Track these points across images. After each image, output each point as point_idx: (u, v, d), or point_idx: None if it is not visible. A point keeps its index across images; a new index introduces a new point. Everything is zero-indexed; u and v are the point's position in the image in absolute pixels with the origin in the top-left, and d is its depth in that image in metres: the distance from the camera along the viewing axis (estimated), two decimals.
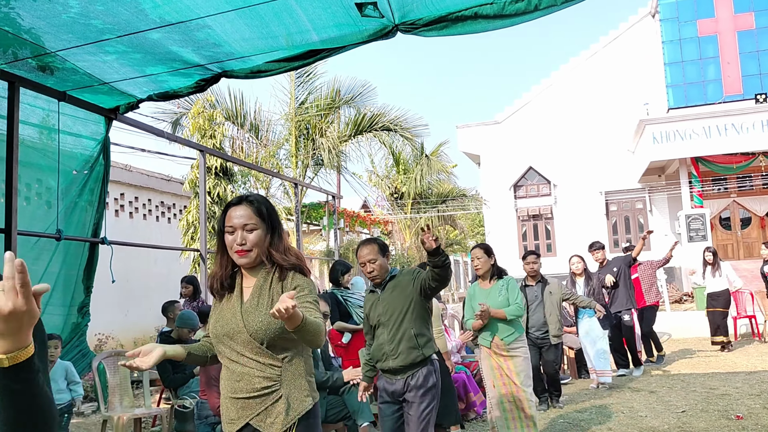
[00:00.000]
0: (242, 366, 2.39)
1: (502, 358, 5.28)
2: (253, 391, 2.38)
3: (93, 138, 5.57)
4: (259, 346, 2.38)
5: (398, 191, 22.16)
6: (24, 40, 3.79)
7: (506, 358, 5.27)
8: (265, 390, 2.38)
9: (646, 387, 8.00)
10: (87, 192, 5.60)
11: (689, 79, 19.98)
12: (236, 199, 2.53)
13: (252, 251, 2.44)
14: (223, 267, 2.51)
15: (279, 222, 2.58)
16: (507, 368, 5.26)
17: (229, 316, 2.45)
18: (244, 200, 2.51)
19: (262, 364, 2.39)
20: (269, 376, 2.38)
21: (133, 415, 5.89)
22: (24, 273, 1.13)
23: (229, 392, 2.43)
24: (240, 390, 2.39)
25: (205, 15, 3.31)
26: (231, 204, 2.51)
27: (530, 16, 3.23)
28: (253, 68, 4.27)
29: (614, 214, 21.64)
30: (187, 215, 12.29)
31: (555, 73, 22.38)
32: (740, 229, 20.46)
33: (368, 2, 3.21)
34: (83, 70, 4.30)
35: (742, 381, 7.94)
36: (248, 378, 2.39)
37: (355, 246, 21.48)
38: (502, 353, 5.27)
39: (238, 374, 2.40)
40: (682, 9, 20.02)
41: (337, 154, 15.62)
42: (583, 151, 21.21)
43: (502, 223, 22.41)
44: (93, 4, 3.20)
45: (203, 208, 7.31)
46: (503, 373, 5.27)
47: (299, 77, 15.28)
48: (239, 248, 2.43)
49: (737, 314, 11.99)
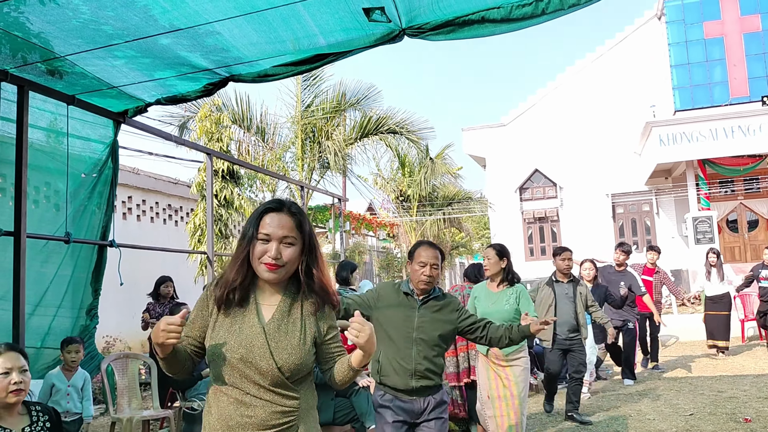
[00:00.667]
0: (254, 397, 2.06)
1: (500, 367, 5.09)
2: (265, 428, 2.05)
3: (101, 141, 5.59)
4: (280, 376, 2.07)
5: (404, 194, 22.17)
6: (33, 44, 3.82)
7: (505, 366, 5.08)
8: (282, 426, 2.07)
9: (653, 390, 7.98)
10: (96, 195, 5.63)
11: (695, 81, 19.95)
12: (275, 203, 2.20)
13: (283, 268, 2.13)
14: (243, 276, 2.16)
15: (317, 240, 2.28)
16: (506, 377, 5.05)
17: (250, 337, 2.09)
18: (285, 208, 2.19)
19: (282, 396, 2.08)
20: (287, 410, 2.08)
21: (141, 417, 5.91)
22: None
23: (228, 426, 2.06)
24: (247, 425, 2.05)
25: (214, 20, 3.33)
26: (269, 208, 2.18)
27: (537, 20, 3.24)
28: (261, 72, 4.29)
29: (621, 216, 21.59)
30: (194, 218, 12.33)
31: (561, 76, 22.37)
32: (747, 232, 20.40)
33: (376, 7, 3.23)
34: (92, 74, 4.33)
35: (750, 384, 7.91)
36: (261, 411, 2.05)
37: (360, 249, 21.51)
38: (500, 363, 5.09)
39: (248, 405, 2.06)
40: (688, 11, 20.00)
41: (343, 157, 15.66)
42: (590, 153, 21.18)
43: (507, 226, 22.39)
44: (103, 10, 3.23)
45: (210, 211, 7.33)
46: (500, 384, 5.06)
47: (305, 81, 15.33)
48: (272, 262, 2.10)
49: (745, 317, 11.95)
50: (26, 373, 2.99)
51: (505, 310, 5.04)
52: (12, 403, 2.92)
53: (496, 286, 5.22)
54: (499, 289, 5.18)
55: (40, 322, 5.14)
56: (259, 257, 2.12)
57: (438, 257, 3.66)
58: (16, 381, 2.91)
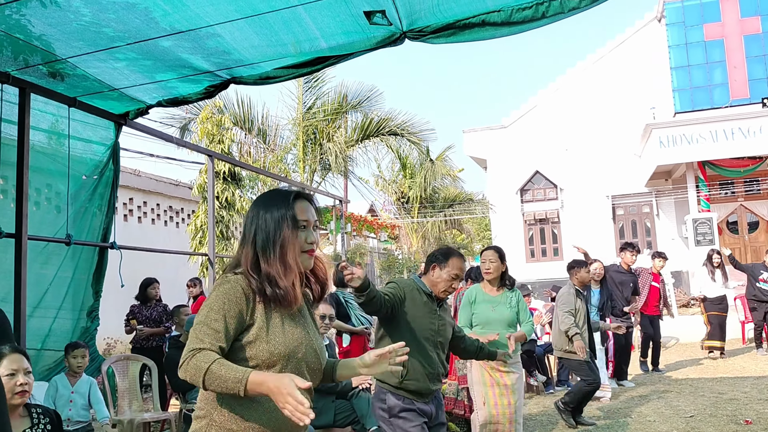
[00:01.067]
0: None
1: (498, 374, 4.89)
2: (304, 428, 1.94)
3: (103, 143, 5.61)
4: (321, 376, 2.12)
5: (405, 195, 22.18)
6: (35, 46, 3.83)
7: (502, 373, 4.89)
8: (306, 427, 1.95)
9: (654, 392, 7.98)
10: (97, 197, 5.64)
11: (696, 83, 19.94)
12: (303, 192, 2.14)
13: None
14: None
15: None
16: (503, 385, 4.87)
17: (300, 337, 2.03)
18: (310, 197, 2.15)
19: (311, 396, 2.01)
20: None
21: (142, 419, 5.91)
22: None
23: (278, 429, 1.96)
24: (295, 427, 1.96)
25: (215, 23, 3.35)
26: (301, 195, 2.11)
27: (537, 23, 3.25)
28: (262, 75, 4.31)
29: (621, 218, 21.58)
30: (196, 220, 12.34)
31: (562, 77, 22.37)
32: (747, 234, 20.39)
33: (376, 10, 3.24)
34: (93, 76, 4.35)
35: (750, 385, 7.91)
36: None
37: (362, 250, 21.49)
38: (499, 368, 4.88)
39: None
40: (689, 13, 20.00)
41: (345, 159, 15.68)
42: (590, 155, 21.18)
43: (508, 227, 22.38)
44: (105, 13, 3.24)
45: (212, 212, 7.35)
46: (496, 392, 4.87)
47: (307, 82, 15.35)
48: (311, 248, 2.07)
49: (745, 319, 11.94)
50: (30, 375, 3.00)
51: (509, 314, 4.93)
52: (15, 405, 2.93)
53: (495, 289, 5.04)
54: (499, 293, 5.02)
55: (40, 324, 5.15)
56: (301, 245, 2.04)
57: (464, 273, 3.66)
58: (21, 382, 2.92)
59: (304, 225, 2.05)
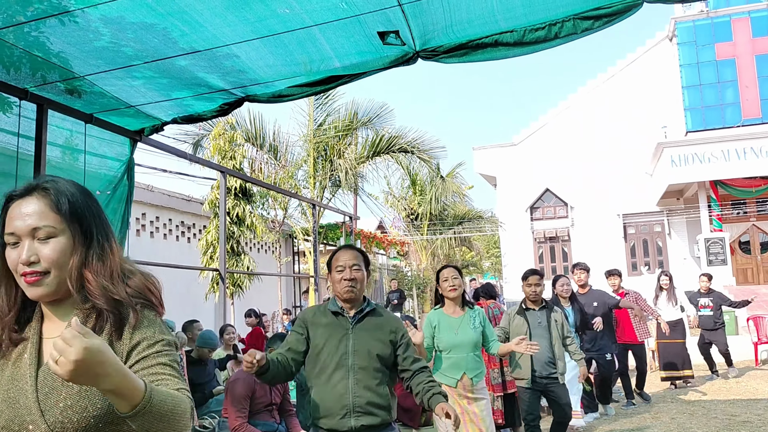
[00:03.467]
0: None
1: (466, 401, 4.60)
2: None
3: (118, 159, 5.66)
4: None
5: (414, 212, 22.20)
6: (53, 64, 3.89)
7: (471, 401, 4.62)
8: None
9: (666, 414, 7.91)
10: (110, 212, 5.68)
11: (707, 102, 19.96)
12: (19, 190, 1.54)
13: (47, 275, 1.45)
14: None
15: (100, 222, 1.62)
16: (472, 413, 4.57)
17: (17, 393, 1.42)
18: (31, 189, 1.52)
19: None
20: None
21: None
22: None
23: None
24: None
25: (231, 43, 3.40)
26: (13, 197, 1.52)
27: (550, 44, 3.28)
28: (275, 93, 4.35)
29: (632, 237, 21.52)
30: (207, 235, 12.41)
31: (572, 96, 22.43)
32: (760, 254, 20.26)
33: (390, 31, 3.28)
34: (111, 93, 4.40)
35: (764, 408, 7.83)
36: None
37: (371, 267, 21.62)
38: (467, 395, 4.61)
39: None
40: (700, 33, 20.06)
41: (355, 176, 15.73)
42: (601, 173, 21.18)
43: (518, 245, 22.36)
44: (124, 32, 3.30)
45: (223, 228, 7.39)
46: (466, 420, 4.55)
47: (318, 100, 15.45)
48: (28, 270, 1.43)
49: (758, 339, 11.83)
50: None
51: (472, 336, 4.67)
52: None
53: (460, 308, 4.80)
54: (463, 313, 4.78)
55: None
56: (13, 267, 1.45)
57: (358, 258, 3.13)
58: None
59: (13, 242, 1.44)
